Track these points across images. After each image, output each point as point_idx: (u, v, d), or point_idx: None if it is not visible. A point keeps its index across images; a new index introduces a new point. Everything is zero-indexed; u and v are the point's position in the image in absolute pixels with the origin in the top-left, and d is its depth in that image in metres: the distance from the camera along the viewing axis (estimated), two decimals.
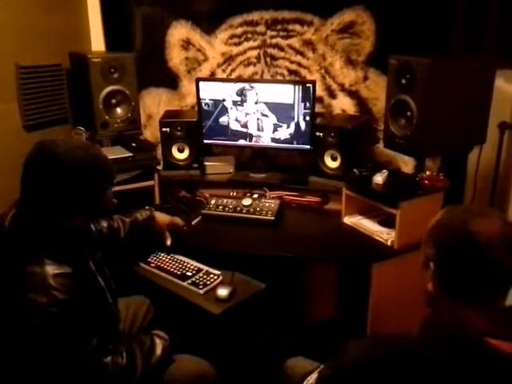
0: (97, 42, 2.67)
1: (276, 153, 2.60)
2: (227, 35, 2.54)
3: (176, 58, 2.64)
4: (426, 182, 2.03)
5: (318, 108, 2.45)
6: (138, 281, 1.93)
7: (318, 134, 2.35)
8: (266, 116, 2.44)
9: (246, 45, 2.53)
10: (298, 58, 2.48)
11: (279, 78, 2.52)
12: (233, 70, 2.58)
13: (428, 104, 1.88)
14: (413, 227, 1.95)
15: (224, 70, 2.59)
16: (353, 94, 2.46)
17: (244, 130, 2.49)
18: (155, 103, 2.73)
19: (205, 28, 2.56)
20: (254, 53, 2.53)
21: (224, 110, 2.48)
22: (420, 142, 1.93)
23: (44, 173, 1.32)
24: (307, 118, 2.36)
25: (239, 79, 2.54)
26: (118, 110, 2.39)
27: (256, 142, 2.51)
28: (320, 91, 2.46)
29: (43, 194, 1.33)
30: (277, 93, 2.38)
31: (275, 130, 2.45)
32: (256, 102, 2.42)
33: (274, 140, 2.47)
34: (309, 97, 2.33)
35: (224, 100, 2.46)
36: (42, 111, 2.25)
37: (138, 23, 2.64)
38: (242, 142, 2.53)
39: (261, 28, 2.48)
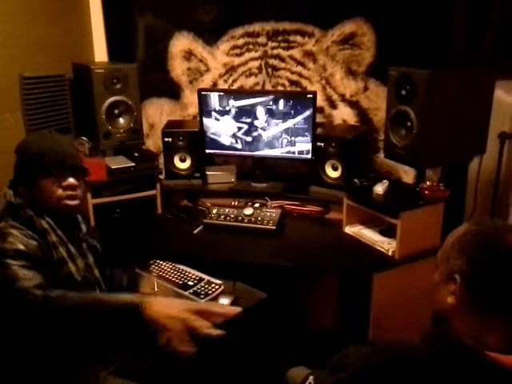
0: (100, 52, 2.70)
1: (277, 162, 2.61)
2: (229, 46, 2.56)
3: (178, 68, 2.66)
4: (427, 192, 2.04)
5: (319, 118, 2.47)
6: None
7: (318, 144, 2.36)
8: (264, 128, 2.46)
9: (247, 55, 2.55)
10: (299, 68, 2.50)
11: (280, 88, 2.54)
12: (234, 81, 2.60)
13: (428, 115, 1.89)
14: (414, 237, 1.97)
15: (226, 81, 2.61)
16: (353, 104, 2.48)
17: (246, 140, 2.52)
18: (157, 113, 2.75)
19: (207, 39, 2.58)
20: (256, 63, 2.55)
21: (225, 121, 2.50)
22: (420, 152, 1.94)
23: None
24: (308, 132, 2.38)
25: (240, 90, 2.56)
26: (121, 120, 2.40)
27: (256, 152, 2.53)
28: (321, 101, 2.48)
29: None
30: (275, 105, 2.41)
31: (274, 141, 2.47)
32: (255, 114, 2.45)
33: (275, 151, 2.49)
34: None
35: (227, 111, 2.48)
36: (46, 121, 2.27)
37: (140, 34, 2.67)
38: (243, 152, 2.54)
39: (262, 39, 2.51)
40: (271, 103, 2.41)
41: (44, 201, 1.50)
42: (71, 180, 1.53)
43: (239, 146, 2.54)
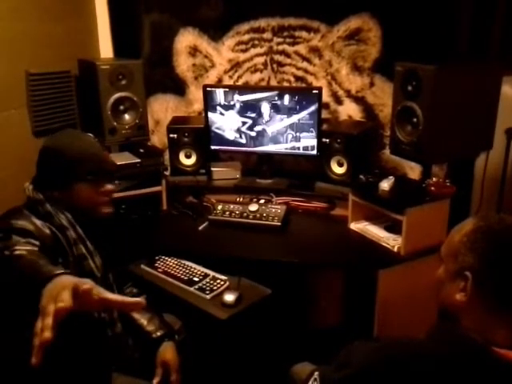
0: (105, 48, 2.70)
1: (282, 159, 2.61)
2: (234, 42, 2.56)
3: (183, 64, 2.66)
4: (433, 188, 2.03)
5: (325, 114, 2.46)
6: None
7: (324, 140, 2.36)
8: (269, 124, 2.46)
9: (252, 51, 2.55)
10: (305, 64, 2.50)
11: (286, 84, 2.53)
12: (240, 77, 2.59)
13: (434, 110, 1.88)
14: (419, 233, 1.96)
15: (231, 77, 2.61)
16: (359, 100, 2.47)
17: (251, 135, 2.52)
18: (163, 109, 2.75)
19: (212, 35, 2.58)
20: (261, 59, 2.55)
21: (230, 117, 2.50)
22: (426, 148, 1.93)
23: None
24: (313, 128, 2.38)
25: (246, 86, 2.56)
26: (126, 117, 2.41)
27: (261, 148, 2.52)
28: (326, 97, 2.47)
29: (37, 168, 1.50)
30: (280, 101, 2.40)
31: (278, 136, 2.47)
32: (260, 109, 2.44)
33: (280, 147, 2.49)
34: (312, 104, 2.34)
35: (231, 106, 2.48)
36: (51, 117, 2.27)
37: (146, 30, 2.67)
38: (248, 147, 2.54)
39: (267, 35, 2.50)
40: (276, 98, 2.41)
41: (78, 204, 1.47)
42: (109, 187, 1.52)
43: (243, 141, 2.53)
